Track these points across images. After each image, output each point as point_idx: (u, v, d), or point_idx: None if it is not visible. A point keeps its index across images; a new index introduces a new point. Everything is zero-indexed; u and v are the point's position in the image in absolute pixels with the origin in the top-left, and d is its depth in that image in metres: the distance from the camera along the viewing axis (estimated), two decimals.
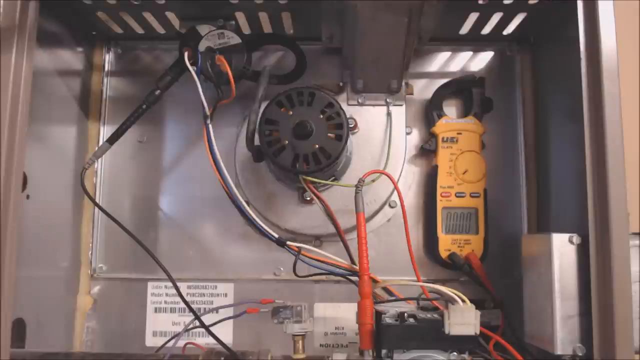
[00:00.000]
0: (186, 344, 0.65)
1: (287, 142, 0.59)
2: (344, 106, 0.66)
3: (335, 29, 0.65)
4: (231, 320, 0.69)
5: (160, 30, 0.71)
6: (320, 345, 0.71)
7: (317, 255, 0.58)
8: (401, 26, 0.57)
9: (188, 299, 0.72)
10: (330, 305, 0.72)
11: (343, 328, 0.71)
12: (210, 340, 0.60)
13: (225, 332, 0.70)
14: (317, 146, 0.59)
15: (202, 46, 0.64)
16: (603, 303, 0.51)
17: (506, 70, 0.75)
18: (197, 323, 0.61)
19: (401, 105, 0.71)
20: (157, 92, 0.65)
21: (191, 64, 0.63)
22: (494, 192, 0.71)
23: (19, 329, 0.60)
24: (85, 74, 0.74)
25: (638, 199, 0.64)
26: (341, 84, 0.72)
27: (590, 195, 0.53)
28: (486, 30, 0.71)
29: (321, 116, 0.60)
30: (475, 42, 0.74)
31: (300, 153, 0.59)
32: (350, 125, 0.70)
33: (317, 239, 0.72)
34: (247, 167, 0.71)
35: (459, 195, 0.70)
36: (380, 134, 0.71)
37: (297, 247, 0.58)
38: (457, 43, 0.75)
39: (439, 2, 0.56)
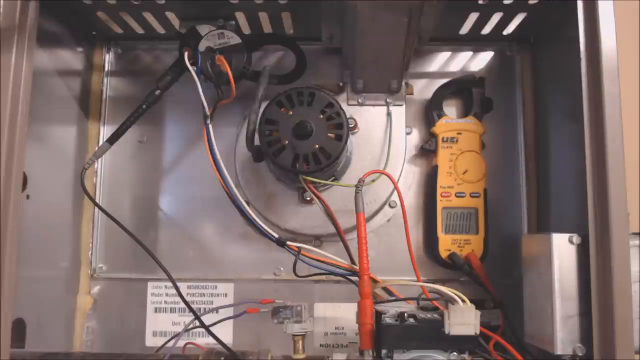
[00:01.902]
0: (186, 344, 0.65)
1: (287, 142, 0.59)
2: (344, 106, 0.66)
3: (335, 29, 0.65)
4: (231, 320, 0.69)
5: (160, 30, 0.71)
6: (320, 345, 0.71)
7: (317, 255, 0.58)
8: (401, 26, 0.57)
9: (188, 299, 0.72)
10: (330, 305, 0.72)
11: (343, 328, 0.71)
12: (210, 340, 0.60)
13: (225, 332, 0.70)
14: (317, 146, 0.59)
15: (202, 46, 0.64)
16: (603, 303, 0.51)
17: (506, 70, 0.75)
18: (197, 323, 0.61)
19: (401, 105, 0.71)
20: (157, 92, 0.65)
21: (191, 64, 0.63)
22: (494, 192, 0.71)
23: (19, 329, 0.60)
24: (85, 74, 0.74)
25: (638, 199, 0.64)
26: (341, 84, 0.72)
27: (590, 195, 0.53)
28: (486, 30, 0.71)
29: (321, 116, 0.60)
30: (475, 42, 0.74)
31: (300, 153, 0.59)
32: (350, 125, 0.70)
33: (317, 239, 0.72)
34: (247, 167, 0.71)
35: (459, 195, 0.70)
36: (380, 134, 0.71)
37: (297, 247, 0.58)
38: (457, 43, 0.75)
39: (439, 2, 0.56)
